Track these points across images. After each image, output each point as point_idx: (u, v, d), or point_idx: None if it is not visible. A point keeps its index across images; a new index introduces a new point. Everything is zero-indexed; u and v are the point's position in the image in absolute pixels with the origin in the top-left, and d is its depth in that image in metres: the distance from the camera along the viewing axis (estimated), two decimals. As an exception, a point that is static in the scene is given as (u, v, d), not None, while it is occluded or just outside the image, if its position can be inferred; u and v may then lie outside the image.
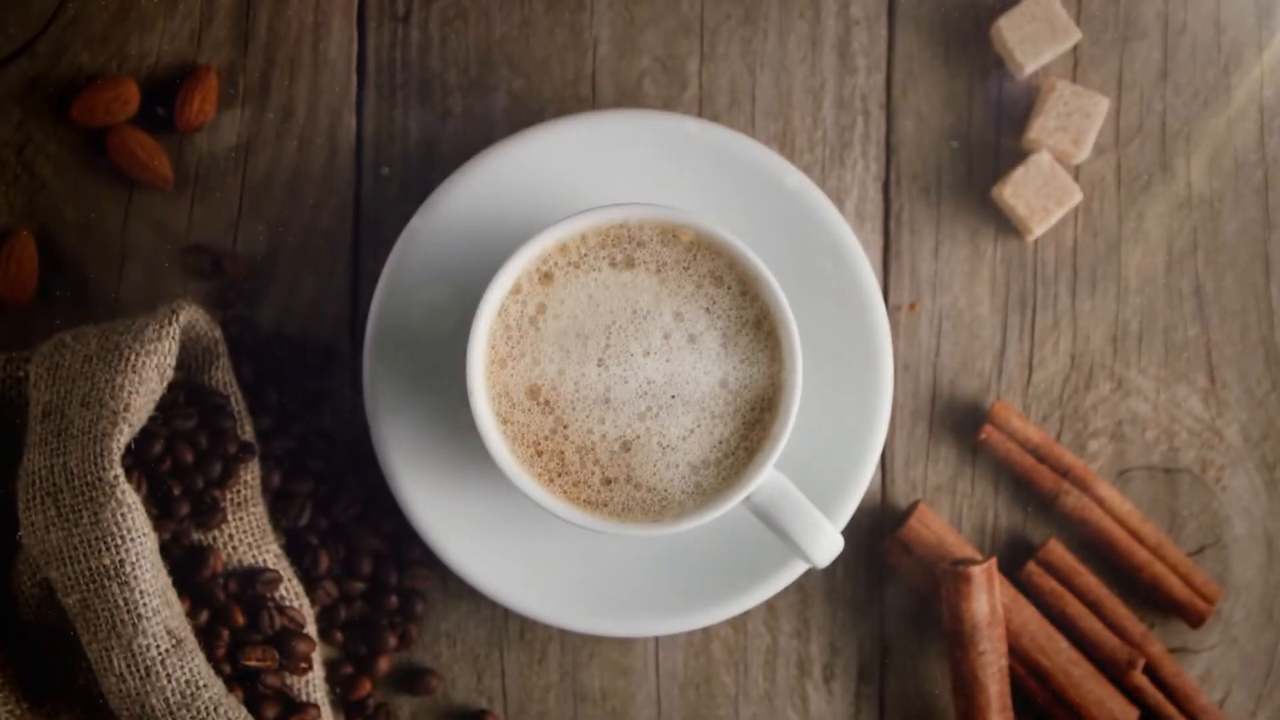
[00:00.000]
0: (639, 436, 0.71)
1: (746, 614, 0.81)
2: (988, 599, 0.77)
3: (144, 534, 0.70)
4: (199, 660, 0.71)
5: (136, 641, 0.70)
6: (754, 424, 0.72)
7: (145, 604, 0.70)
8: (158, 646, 0.70)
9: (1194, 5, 0.82)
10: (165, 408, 0.75)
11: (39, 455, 0.71)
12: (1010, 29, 0.79)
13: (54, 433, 0.71)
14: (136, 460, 0.73)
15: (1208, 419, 0.81)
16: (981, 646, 0.77)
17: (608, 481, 0.72)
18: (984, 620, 0.77)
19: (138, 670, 0.70)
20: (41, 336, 0.77)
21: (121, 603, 0.69)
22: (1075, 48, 0.81)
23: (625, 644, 0.81)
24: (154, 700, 0.70)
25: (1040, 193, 0.79)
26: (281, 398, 0.79)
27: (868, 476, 0.76)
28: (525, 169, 0.76)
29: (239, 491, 0.76)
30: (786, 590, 0.81)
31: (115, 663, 0.70)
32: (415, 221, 0.76)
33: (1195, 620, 0.80)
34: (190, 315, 0.74)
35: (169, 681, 0.70)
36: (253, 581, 0.76)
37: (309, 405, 0.80)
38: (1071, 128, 0.79)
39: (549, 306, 0.71)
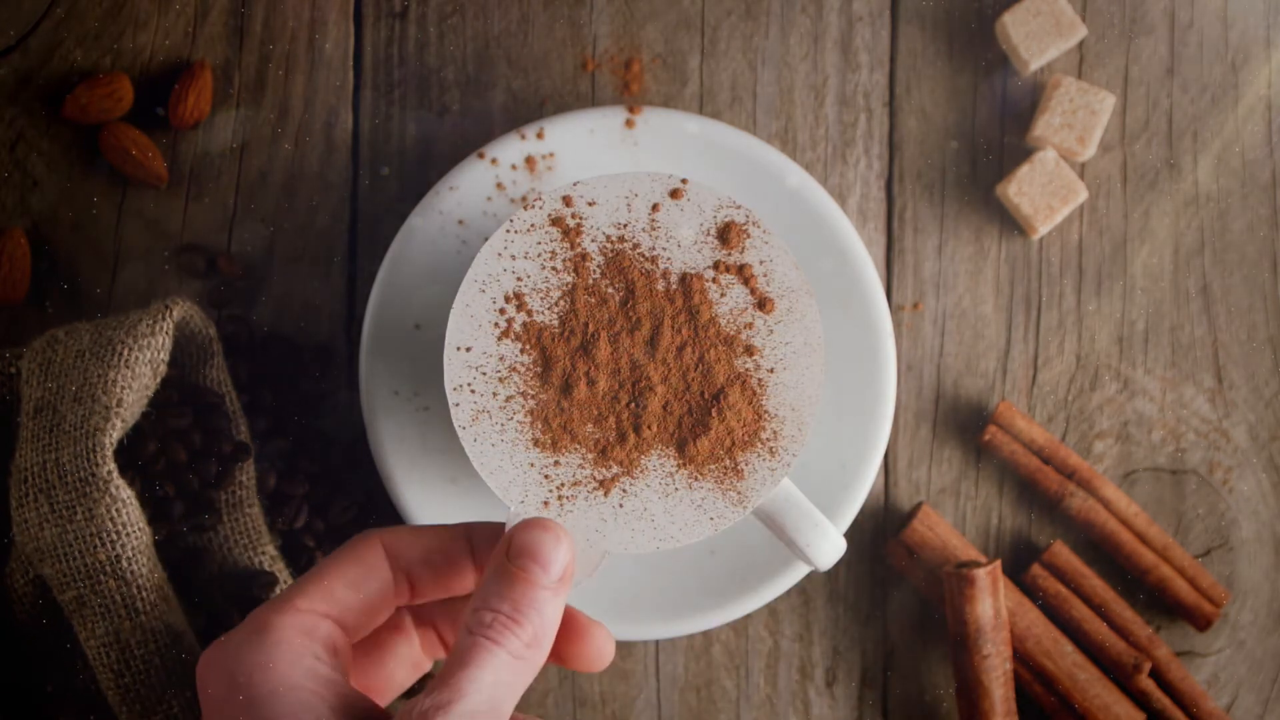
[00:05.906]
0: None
1: (748, 617, 0.81)
2: (992, 602, 0.76)
3: (139, 529, 0.70)
4: (197, 655, 0.70)
5: (134, 637, 0.69)
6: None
7: (142, 599, 0.69)
8: (155, 641, 0.69)
9: (1201, 1, 0.81)
10: (159, 405, 0.74)
11: (31, 451, 0.71)
12: (1015, 25, 0.79)
13: (46, 429, 0.71)
14: (130, 460, 0.73)
15: (1215, 420, 0.81)
16: (986, 650, 0.77)
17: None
18: (988, 624, 0.76)
19: (135, 666, 0.69)
20: (34, 336, 0.76)
21: (118, 598, 0.69)
22: (1081, 44, 0.81)
23: (625, 648, 0.81)
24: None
25: (1045, 191, 0.79)
26: (277, 398, 0.78)
27: (871, 478, 0.76)
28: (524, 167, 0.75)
29: (234, 493, 0.76)
30: (788, 593, 0.80)
31: (112, 659, 0.69)
32: (412, 220, 0.75)
33: (1202, 623, 0.80)
34: (184, 311, 0.73)
35: (167, 677, 0.70)
36: (248, 584, 0.75)
37: (305, 406, 0.79)
38: (1077, 125, 0.79)
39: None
